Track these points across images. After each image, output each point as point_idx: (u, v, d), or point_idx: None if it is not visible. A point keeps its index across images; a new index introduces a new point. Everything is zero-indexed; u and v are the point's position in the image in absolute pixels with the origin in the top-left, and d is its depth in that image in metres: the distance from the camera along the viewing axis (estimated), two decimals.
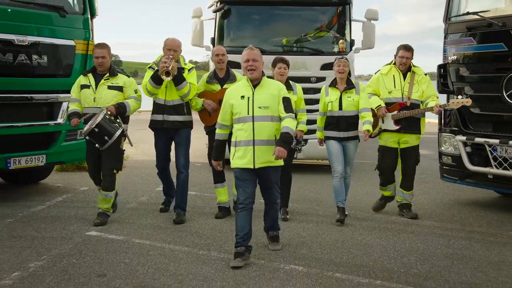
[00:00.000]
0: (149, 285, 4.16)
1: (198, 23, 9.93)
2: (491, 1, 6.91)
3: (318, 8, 9.82)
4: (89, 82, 6.11)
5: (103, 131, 5.83)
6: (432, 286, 4.17)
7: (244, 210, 4.81)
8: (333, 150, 6.11)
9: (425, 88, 6.16)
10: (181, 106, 6.11)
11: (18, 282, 4.16)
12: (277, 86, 4.97)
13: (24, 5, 7.12)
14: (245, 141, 4.79)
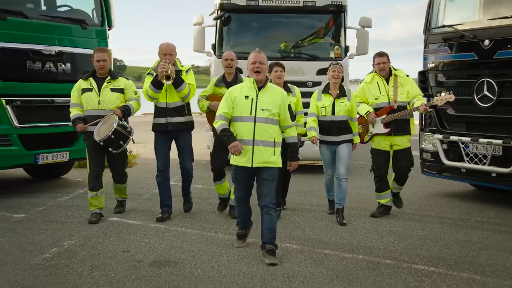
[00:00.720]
0: (166, 259, 4.77)
1: (200, 29, 9.91)
2: (464, 15, 7.46)
3: (314, 15, 9.83)
4: (91, 85, 6.10)
5: (119, 137, 5.92)
6: (406, 260, 4.78)
7: (241, 207, 5.07)
8: (324, 156, 6.28)
9: (409, 89, 6.20)
10: (182, 108, 6.14)
11: (57, 256, 4.80)
12: (281, 93, 4.98)
13: (51, 19, 7.75)
14: (246, 140, 4.79)
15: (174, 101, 6.03)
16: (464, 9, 7.64)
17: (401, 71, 6.37)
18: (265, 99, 4.82)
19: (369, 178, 7.61)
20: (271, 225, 4.82)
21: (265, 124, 4.78)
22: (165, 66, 5.72)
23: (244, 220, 5.13)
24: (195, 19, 9.95)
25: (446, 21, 7.47)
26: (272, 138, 4.81)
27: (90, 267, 4.52)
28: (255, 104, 4.78)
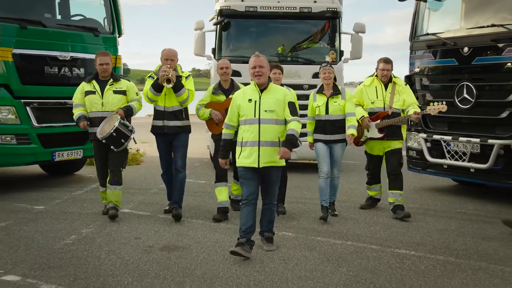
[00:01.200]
0: (175, 244, 5.14)
1: (200, 34, 9.86)
2: (446, 24, 7.81)
3: (310, 21, 9.81)
4: (94, 88, 6.10)
5: (120, 135, 5.93)
6: (389, 245, 5.16)
7: (247, 206, 4.85)
8: (320, 152, 6.14)
9: (406, 97, 6.22)
10: (180, 112, 6.08)
11: (77, 242, 5.17)
12: (283, 92, 4.96)
13: (66, 27, 8.12)
14: (251, 142, 4.78)
15: (172, 105, 6.01)
16: (446, 18, 7.98)
17: (400, 79, 6.43)
18: (268, 101, 4.81)
19: (360, 175, 7.99)
20: (271, 218, 5.01)
21: (269, 125, 4.78)
22: (166, 70, 5.72)
23: (246, 229, 4.80)
24: (196, 24, 9.95)
25: (430, 30, 7.86)
26: (277, 138, 4.82)
27: (107, 251, 4.88)
28: (259, 106, 4.79)
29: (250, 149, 4.78)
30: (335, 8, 9.49)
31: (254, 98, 4.82)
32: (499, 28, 6.65)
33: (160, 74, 5.75)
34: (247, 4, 9.45)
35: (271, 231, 5.06)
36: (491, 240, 5.36)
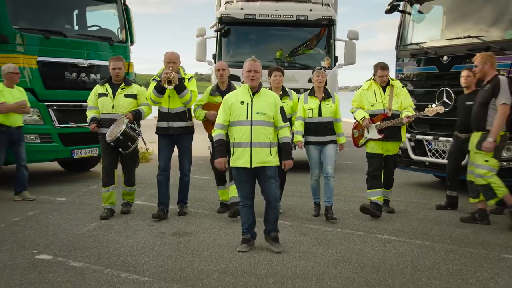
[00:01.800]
0: (184, 231, 5.55)
1: (202, 41, 9.83)
2: (428, 35, 8.19)
3: (307, 29, 9.76)
4: (107, 91, 6.07)
5: (127, 138, 5.89)
6: (374, 232, 5.57)
7: (245, 207, 4.93)
8: (312, 155, 6.13)
9: (403, 100, 6.17)
10: (184, 113, 6.01)
11: (97, 228, 5.59)
12: (274, 96, 4.94)
13: (84, 37, 8.54)
14: (244, 143, 4.75)
15: (176, 106, 5.93)
16: (428, 30, 8.34)
17: (397, 82, 6.37)
18: (260, 103, 4.79)
19: (352, 172, 8.37)
20: (275, 216, 4.91)
21: (261, 127, 4.76)
22: (168, 72, 5.66)
23: (248, 225, 4.96)
24: (197, 31, 9.92)
25: (414, 40, 8.22)
26: (268, 139, 4.79)
27: (124, 236, 5.30)
28: (251, 109, 4.76)
29: (243, 150, 4.75)
30: (330, 16, 9.55)
31: (246, 100, 4.79)
32: (474, 39, 7.04)
33: (162, 76, 5.71)
34: (246, 12, 9.51)
35: (276, 229, 4.94)
36: (463, 227, 5.78)
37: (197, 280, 4.10)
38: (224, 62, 6.54)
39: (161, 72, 5.85)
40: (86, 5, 9.05)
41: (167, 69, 5.73)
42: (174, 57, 5.88)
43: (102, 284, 3.99)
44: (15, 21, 7.62)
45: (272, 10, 9.49)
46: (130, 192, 6.34)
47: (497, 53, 6.85)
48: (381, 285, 4.05)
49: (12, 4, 7.56)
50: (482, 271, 4.35)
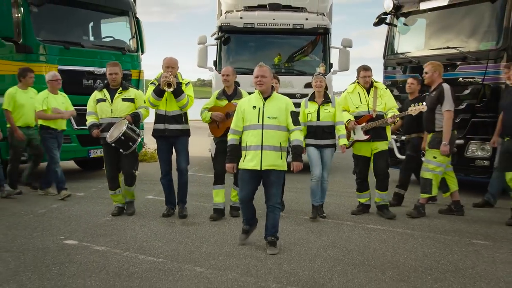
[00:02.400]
0: (191, 221, 5.95)
1: (203, 48, 9.83)
2: (412, 46, 8.62)
3: (303, 37, 9.77)
4: (105, 96, 6.02)
5: (128, 139, 5.87)
6: (361, 222, 6.00)
7: (244, 207, 4.98)
8: (312, 156, 6.03)
9: (386, 101, 6.16)
10: (180, 116, 5.94)
11: (115, 219, 6.04)
12: (285, 101, 4.84)
13: (100, 47, 8.95)
14: (255, 146, 4.70)
15: (173, 109, 5.86)
16: (412, 41, 8.75)
17: (381, 84, 6.36)
18: (271, 108, 4.73)
19: (343, 170, 8.72)
20: (275, 222, 4.81)
21: (272, 131, 4.70)
22: (167, 76, 5.62)
23: (248, 218, 5.02)
24: (198, 39, 9.92)
25: (399, 50, 8.66)
26: (279, 143, 4.73)
27: (139, 225, 5.72)
28: (262, 113, 4.72)
29: (254, 152, 4.70)
30: (325, 25, 9.64)
31: (258, 105, 4.76)
32: (453, 50, 7.51)
33: (161, 79, 5.65)
34: (245, 21, 9.59)
35: (275, 236, 4.83)
36: (441, 218, 6.22)
37: (204, 261, 4.52)
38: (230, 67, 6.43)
39: (159, 76, 5.79)
40: (100, 18, 9.45)
41: (165, 73, 5.68)
42: (173, 62, 5.83)
43: (123, 264, 4.42)
44: (38, 33, 8.04)
45: (270, 19, 9.60)
46: (129, 191, 6.29)
47: (473, 61, 7.34)
48: (364, 265, 4.47)
49: (36, 18, 7.97)
50: (453, 254, 4.79)
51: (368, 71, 6.17)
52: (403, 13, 8.68)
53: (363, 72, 6.17)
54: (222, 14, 10.38)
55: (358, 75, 6.28)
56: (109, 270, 4.27)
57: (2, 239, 5.16)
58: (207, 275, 4.19)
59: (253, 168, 4.71)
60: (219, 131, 6.08)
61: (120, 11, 9.50)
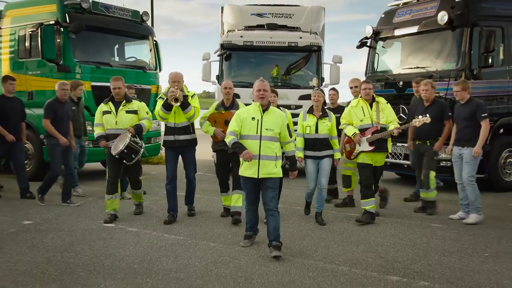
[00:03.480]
0: (205, 209, 6.66)
1: (207, 63, 9.96)
2: (389, 65, 9.39)
3: (297, 53, 9.89)
4: (110, 108, 6.02)
5: (131, 151, 5.90)
6: (344, 211, 6.72)
7: (250, 211, 5.02)
8: (309, 170, 6.02)
9: (388, 114, 6.12)
10: (188, 127, 5.91)
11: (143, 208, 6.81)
12: (281, 115, 4.86)
13: (125, 66, 9.69)
14: (253, 155, 4.68)
15: (181, 121, 5.83)
16: (389, 61, 9.52)
17: (382, 99, 6.28)
18: (269, 120, 4.74)
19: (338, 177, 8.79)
20: (275, 225, 4.74)
21: (268, 142, 4.70)
22: (174, 91, 5.58)
23: (251, 225, 5.06)
24: (203, 56, 10.07)
25: (378, 69, 9.42)
26: (274, 153, 4.73)
27: (162, 213, 6.41)
28: (260, 125, 4.71)
29: (252, 161, 4.69)
30: (317, 43, 9.82)
31: (256, 117, 4.76)
32: (422, 69, 8.33)
33: (169, 95, 5.62)
34: (245, 39, 9.79)
35: (278, 240, 4.70)
36: (409, 208, 6.98)
37: (216, 239, 5.32)
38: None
39: (167, 91, 5.78)
40: (125, 41, 10.24)
41: (172, 88, 5.66)
42: (178, 77, 5.79)
43: (152, 240, 5.24)
44: (75, 56, 8.86)
45: (267, 37, 9.81)
46: (137, 194, 6.41)
47: (438, 79, 8.16)
48: (343, 241, 5.29)
49: (73, 43, 8.82)
50: (414, 234, 5.60)
51: (369, 84, 6.19)
52: (381, 37, 9.42)
53: (364, 85, 6.16)
54: (224, 33, 10.58)
55: (360, 88, 6.27)
56: (142, 244, 5.09)
57: (55, 223, 6.00)
58: (219, 248, 4.99)
59: (251, 176, 4.71)
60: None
61: (141, 35, 10.31)
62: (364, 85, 6.16)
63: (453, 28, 8.05)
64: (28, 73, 9.12)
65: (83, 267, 4.35)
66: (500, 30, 8.10)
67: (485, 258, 4.71)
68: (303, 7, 10.55)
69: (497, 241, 5.31)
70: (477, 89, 7.86)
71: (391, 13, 9.36)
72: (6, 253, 4.76)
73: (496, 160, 8.17)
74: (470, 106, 6.11)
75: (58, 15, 8.82)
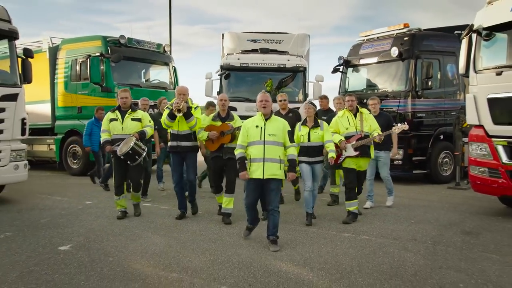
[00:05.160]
0: (210, 200, 7.38)
1: (209, 81, 10.35)
2: (357, 86, 10.44)
3: (286, 73, 10.26)
4: (117, 116, 6.04)
5: (135, 153, 5.88)
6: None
7: (249, 210, 4.95)
8: (305, 171, 5.98)
9: (371, 123, 6.12)
10: (190, 135, 5.90)
11: (170, 191, 7.65)
12: (283, 122, 4.87)
13: (151, 87, 10.88)
14: (258, 159, 4.68)
15: (184, 129, 5.83)
16: (357, 83, 10.51)
17: (365, 110, 6.31)
18: (271, 127, 4.76)
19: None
20: (275, 223, 4.77)
21: (272, 146, 4.70)
22: (178, 103, 5.62)
23: (251, 220, 5.03)
24: (206, 75, 10.44)
25: (349, 88, 10.48)
26: (278, 156, 4.72)
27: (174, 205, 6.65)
28: (264, 131, 4.73)
29: (257, 164, 4.69)
30: (302, 65, 10.31)
31: (260, 125, 4.79)
32: (381, 90, 9.66)
33: (173, 105, 5.68)
34: (241, 61, 10.22)
35: (275, 235, 4.79)
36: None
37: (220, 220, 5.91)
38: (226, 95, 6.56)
39: (173, 102, 5.83)
40: (151, 67, 11.45)
41: (177, 100, 5.70)
42: (184, 90, 5.84)
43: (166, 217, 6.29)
44: (114, 79, 10.10)
45: (260, 60, 10.22)
46: (136, 195, 6.30)
47: (392, 98, 9.55)
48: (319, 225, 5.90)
49: (113, 69, 10.14)
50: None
51: (351, 96, 6.21)
52: (350, 65, 10.53)
53: (348, 97, 6.22)
54: (224, 56, 10.99)
55: (345, 101, 6.32)
56: (173, 215, 6.22)
57: (103, 207, 7.03)
58: (222, 228, 5.58)
59: (257, 177, 4.69)
60: (214, 146, 6.11)
61: (163, 63, 11.55)
62: (347, 97, 6.23)
63: (402, 60, 9.31)
64: (78, 93, 10.46)
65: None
66: (437, 61, 9.50)
67: (411, 224, 6.00)
68: (291, 34, 11.04)
69: (423, 212, 6.53)
70: (421, 106, 9.38)
71: (357, 46, 10.54)
72: (83, 219, 6.11)
73: (436, 159, 9.58)
74: (383, 117, 6.73)
75: (102, 49, 10.13)
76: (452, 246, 5.03)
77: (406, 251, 4.81)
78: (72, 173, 10.75)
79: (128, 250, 4.77)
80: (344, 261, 4.44)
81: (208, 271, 4.10)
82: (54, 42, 11.22)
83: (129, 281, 3.86)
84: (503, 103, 6.22)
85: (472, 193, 7.39)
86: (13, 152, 7.26)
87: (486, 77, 6.43)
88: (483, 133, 6.50)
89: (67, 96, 10.73)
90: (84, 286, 3.78)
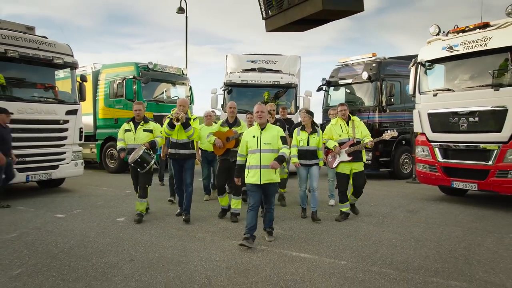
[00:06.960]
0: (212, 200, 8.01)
1: (214, 96, 10.72)
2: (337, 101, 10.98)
3: (279, 88, 10.70)
4: (131, 127, 5.97)
5: (144, 161, 5.76)
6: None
7: (252, 211, 4.68)
8: (301, 174, 5.98)
9: (362, 130, 5.99)
10: (187, 143, 5.78)
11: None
12: (277, 129, 4.80)
13: (171, 102, 11.32)
14: (255, 165, 4.63)
15: (182, 138, 5.74)
16: (337, 99, 11.04)
17: (356, 117, 6.18)
18: (266, 136, 4.71)
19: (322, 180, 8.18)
20: (271, 218, 4.86)
21: (267, 153, 4.66)
22: (178, 113, 5.55)
23: (250, 227, 4.63)
24: (211, 91, 10.90)
25: (330, 104, 11.24)
26: None
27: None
28: (260, 140, 4.68)
29: (254, 171, 4.64)
30: (294, 82, 10.79)
31: (256, 134, 4.74)
32: (356, 105, 10.66)
33: (173, 115, 5.60)
34: (242, 79, 10.67)
35: (271, 227, 4.89)
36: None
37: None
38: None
39: (173, 113, 5.74)
40: (171, 85, 12.13)
41: (177, 110, 5.64)
42: (184, 102, 5.77)
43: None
44: (144, 96, 10.94)
45: (258, 78, 10.71)
46: (142, 203, 5.92)
47: (364, 111, 10.61)
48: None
49: (143, 89, 11.04)
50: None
51: (343, 106, 6.08)
52: (331, 85, 11.49)
53: (340, 107, 6.08)
54: (228, 74, 11.32)
55: (337, 110, 6.16)
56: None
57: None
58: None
59: (254, 182, 4.64)
60: (220, 151, 6.14)
61: (182, 83, 12.41)
62: (340, 107, 6.10)
63: (371, 81, 10.35)
64: (115, 107, 11.51)
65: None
66: (399, 83, 10.68)
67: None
68: (284, 55, 11.49)
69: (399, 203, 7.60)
70: (386, 118, 10.59)
71: (337, 69, 11.57)
72: (128, 202, 7.09)
73: (398, 160, 10.80)
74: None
75: (135, 72, 11.13)
76: (396, 219, 6.26)
77: (362, 222, 5.95)
78: (109, 171, 11.86)
79: (165, 221, 5.95)
80: (318, 227, 5.49)
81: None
82: (96, 67, 12.46)
83: (171, 238, 4.96)
84: (438, 117, 7.59)
85: (424, 186, 8.44)
86: (73, 153, 8.55)
87: (427, 98, 7.81)
88: (425, 138, 7.86)
89: (106, 110, 11.74)
90: (139, 240, 5.00)
